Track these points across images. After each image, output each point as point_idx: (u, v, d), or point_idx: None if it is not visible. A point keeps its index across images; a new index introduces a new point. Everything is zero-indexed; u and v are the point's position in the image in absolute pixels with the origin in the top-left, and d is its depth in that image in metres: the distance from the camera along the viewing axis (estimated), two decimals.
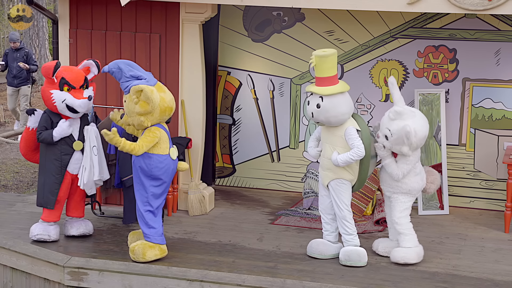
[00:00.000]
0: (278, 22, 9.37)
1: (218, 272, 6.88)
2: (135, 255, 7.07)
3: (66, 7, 8.63)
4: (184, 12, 8.32)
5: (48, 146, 7.42)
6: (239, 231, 8.06)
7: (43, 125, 7.41)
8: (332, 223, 7.30)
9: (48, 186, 7.45)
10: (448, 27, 8.87)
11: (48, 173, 7.45)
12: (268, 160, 9.66)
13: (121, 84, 7.08)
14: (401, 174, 7.04)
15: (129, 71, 7.02)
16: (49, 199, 7.46)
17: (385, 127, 6.97)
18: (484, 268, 7.16)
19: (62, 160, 7.44)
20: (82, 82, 7.37)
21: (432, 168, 7.52)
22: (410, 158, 7.03)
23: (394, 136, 6.91)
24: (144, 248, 7.05)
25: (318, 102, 6.97)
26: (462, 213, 8.85)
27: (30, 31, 19.71)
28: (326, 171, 7.14)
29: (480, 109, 8.90)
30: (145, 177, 7.06)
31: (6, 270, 7.47)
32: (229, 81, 9.65)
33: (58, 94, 7.32)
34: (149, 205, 7.09)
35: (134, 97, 6.96)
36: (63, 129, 7.37)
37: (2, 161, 12.27)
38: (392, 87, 7.07)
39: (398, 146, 6.94)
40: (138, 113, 6.98)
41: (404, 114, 6.91)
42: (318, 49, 7.11)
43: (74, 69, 7.43)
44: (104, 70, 7.12)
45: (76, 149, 7.45)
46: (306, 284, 6.67)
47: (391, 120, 6.94)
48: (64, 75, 7.31)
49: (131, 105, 7.00)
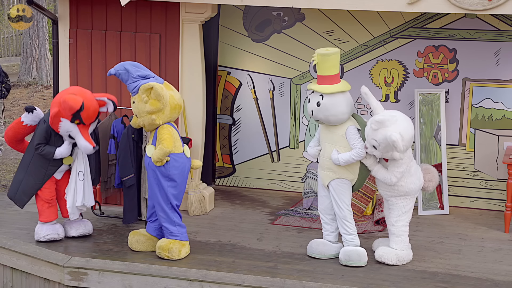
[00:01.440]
0: (278, 22, 9.37)
1: (218, 272, 6.88)
2: (171, 253, 7.11)
3: (66, 7, 8.63)
4: (184, 12, 8.32)
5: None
6: (239, 231, 8.06)
7: (43, 136, 7.36)
8: (332, 223, 7.30)
9: (25, 187, 7.45)
10: (448, 27, 8.87)
11: (29, 175, 7.44)
12: (268, 160, 9.66)
13: (129, 85, 7.06)
14: (394, 177, 7.00)
15: (136, 72, 7.03)
16: (21, 198, 7.48)
17: (371, 138, 6.88)
18: (484, 268, 7.16)
19: (47, 170, 7.44)
20: (94, 120, 7.34)
21: (429, 165, 7.48)
22: (400, 160, 6.99)
23: (382, 145, 6.82)
24: (179, 247, 7.13)
25: (318, 100, 6.97)
26: (462, 213, 8.85)
27: (30, 31, 19.71)
28: (326, 171, 7.14)
29: (480, 109, 8.90)
30: (162, 177, 7.08)
31: (6, 270, 7.47)
32: (229, 81, 9.65)
33: (67, 125, 7.22)
34: (171, 204, 7.12)
35: (144, 96, 6.97)
36: (66, 153, 7.38)
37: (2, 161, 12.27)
38: (367, 97, 6.99)
39: (388, 153, 6.88)
40: (149, 111, 6.99)
41: (385, 122, 6.77)
42: (320, 48, 7.11)
43: (92, 107, 7.23)
44: (110, 73, 7.08)
45: (65, 164, 7.46)
46: (306, 284, 6.67)
47: (375, 131, 6.83)
48: (81, 112, 7.18)
49: (141, 105, 7.00)
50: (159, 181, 7.09)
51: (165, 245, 7.14)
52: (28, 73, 20.07)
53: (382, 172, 7.03)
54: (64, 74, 8.71)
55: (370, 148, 6.94)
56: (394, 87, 9.14)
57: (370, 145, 6.92)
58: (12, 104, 17.81)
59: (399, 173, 6.98)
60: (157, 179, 7.09)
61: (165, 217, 7.16)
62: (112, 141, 8.00)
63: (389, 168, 7.01)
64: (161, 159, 6.97)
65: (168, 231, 7.18)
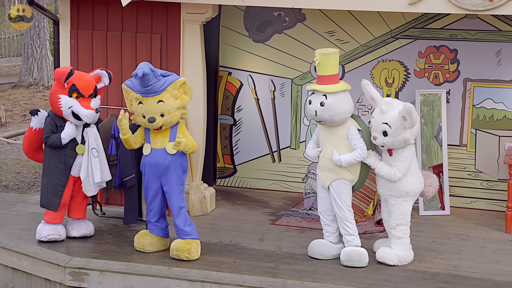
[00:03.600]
0: (279, 23, 9.37)
1: (219, 272, 6.88)
2: (190, 254, 7.11)
3: (67, 7, 8.63)
4: (185, 13, 8.33)
5: (52, 149, 7.43)
6: (240, 232, 8.06)
7: (49, 128, 7.41)
8: (332, 225, 7.29)
9: (52, 188, 7.45)
10: (449, 28, 8.87)
11: (52, 175, 7.46)
12: (269, 161, 9.66)
13: (153, 85, 6.98)
14: (399, 172, 6.98)
15: (158, 71, 7.05)
16: (52, 201, 7.47)
17: (381, 123, 6.91)
18: (485, 268, 7.16)
19: (66, 163, 7.44)
20: (91, 92, 7.36)
21: (430, 172, 7.48)
22: (404, 154, 6.97)
23: (394, 126, 6.83)
24: (196, 246, 7.14)
25: (322, 100, 6.96)
26: (463, 214, 8.85)
27: (31, 32, 19.71)
28: (327, 172, 7.13)
29: (481, 110, 8.89)
30: (183, 173, 7.16)
31: (7, 270, 7.48)
32: (230, 81, 9.65)
33: (66, 100, 7.30)
34: (183, 202, 7.13)
35: (176, 92, 7.01)
36: (71, 131, 7.36)
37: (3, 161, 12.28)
38: (369, 88, 7.04)
39: (400, 135, 6.87)
40: (178, 107, 7.03)
41: (394, 103, 6.91)
42: (320, 49, 7.12)
43: (86, 77, 7.37)
44: (137, 74, 6.87)
45: (79, 153, 7.45)
46: (307, 285, 6.67)
47: (384, 114, 6.88)
48: (75, 82, 7.28)
49: (172, 102, 7.01)
50: (182, 178, 7.15)
51: (183, 246, 7.11)
52: (29, 74, 20.08)
53: (386, 168, 7.01)
54: None
55: (380, 137, 6.92)
56: (395, 88, 9.14)
57: (380, 133, 6.91)
58: (14, 105, 17.82)
59: (403, 168, 6.96)
60: (179, 177, 7.14)
61: (181, 216, 7.16)
62: (113, 141, 8.00)
63: (393, 164, 7.00)
64: (187, 151, 7.08)
65: (182, 231, 7.17)
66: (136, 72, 6.89)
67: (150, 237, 7.35)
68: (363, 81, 7.06)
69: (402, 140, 6.90)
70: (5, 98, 18.55)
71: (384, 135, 6.91)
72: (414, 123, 6.80)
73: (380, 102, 6.96)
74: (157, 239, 7.36)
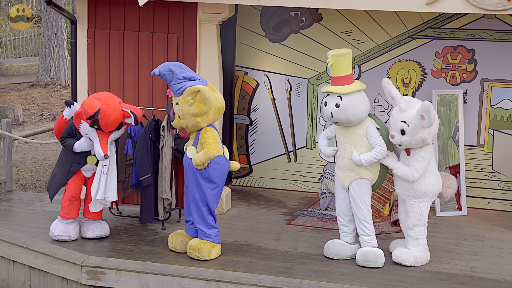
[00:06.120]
0: (295, 23, 9.37)
1: (234, 272, 6.88)
2: (201, 254, 7.14)
3: (84, 7, 8.67)
4: (202, 12, 8.34)
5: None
6: (255, 231, 8.07)
7: (67, 130, 7.52)
8: (349, 225, 7.28)
9: (55, 180, 7.61)
10: (466, 28, 8.82)
11: (59, 169, 7.61)
12: (285, 160, 9.65)
13: (172, 86, 7.04)
14: (416, 172, 6.96)
15: (180, 73, 7.02)
16: (51, 191, 7.63)
17: (399, 122, 6.90)
18: (503, 269, 7.12)
19: (72, 166, 7.53)
20: (113, 128, 7.38)
21: (448, 174, 7.45)
22: (422, 154, 6.95)
23: (412, 125, 6.82)
24: (210, 248, 7.16)
25: (337, 102, 6.95)
26: (480, 215, 8.80)
27: (48, 31, 19.81)
28: (347, 171, 7.11)
29: (499, 110, 8.84)
30: (202, 179, 7.10)
31: (25, 269, 7.52)
32: (246, 81, 9.65)
33: (86, 128, 7.35)
34: (208, 206, 7.15)
35: (189, 99, 6.97)
36: (86, 146, 7.45)
37: (21, 160, 12.34)
38: (389, 86, 7.03)
39: (418, 134, 6.85)
40: (194, 114, 7.00)
41: (413, 102, 6.90)
42: (332, 50, 7.10)
43: (112, 116, 7.28)
44: (154, 73, 7.01)
45: (89, 163, 7.51)
46: (322, 285, 6.66)
47: (403, 112, 6.87)
48: (99, 118, 7.22)
49: (186, 107, 7.01)
50: (199, 182, 7.10)
51: (196, 245, 7.16)
52: (47, 73, 20.20)
53: (403, 168, 6.99)
54: (82, 74, 8.75)
55: (398, 136, 6.90)
56: (412, 88, 9.11)
57: (398, 131, 6.89)
58: (31, 104, 17.93)
59: (421, 168, 6.94)
60: (197, 181, 7.11)
61: (200, 218, 7.17)
62: (129, 140, 8.03)
63: (411, 163, 6.98)
64: (203, 163, 7.00)
65: (202, 232, 7.20)
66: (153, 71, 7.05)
67: (182, 237, 7.37)
68: (384, 80, 7.06)
69: (420, 140, 6.88)
70: (23, 97, 18.66)
71: (402, 133, 6.88)
72: (432, 122, 6.77)
73: (400, 100, 6.94)
74: (189, 239, 7.37)
